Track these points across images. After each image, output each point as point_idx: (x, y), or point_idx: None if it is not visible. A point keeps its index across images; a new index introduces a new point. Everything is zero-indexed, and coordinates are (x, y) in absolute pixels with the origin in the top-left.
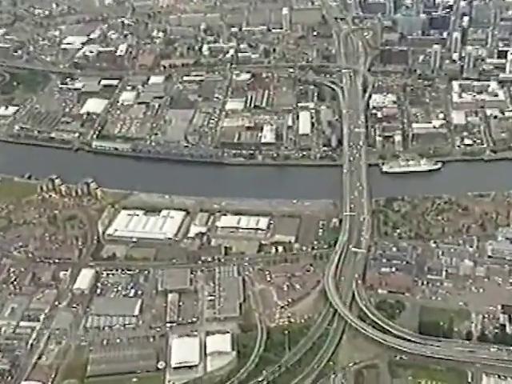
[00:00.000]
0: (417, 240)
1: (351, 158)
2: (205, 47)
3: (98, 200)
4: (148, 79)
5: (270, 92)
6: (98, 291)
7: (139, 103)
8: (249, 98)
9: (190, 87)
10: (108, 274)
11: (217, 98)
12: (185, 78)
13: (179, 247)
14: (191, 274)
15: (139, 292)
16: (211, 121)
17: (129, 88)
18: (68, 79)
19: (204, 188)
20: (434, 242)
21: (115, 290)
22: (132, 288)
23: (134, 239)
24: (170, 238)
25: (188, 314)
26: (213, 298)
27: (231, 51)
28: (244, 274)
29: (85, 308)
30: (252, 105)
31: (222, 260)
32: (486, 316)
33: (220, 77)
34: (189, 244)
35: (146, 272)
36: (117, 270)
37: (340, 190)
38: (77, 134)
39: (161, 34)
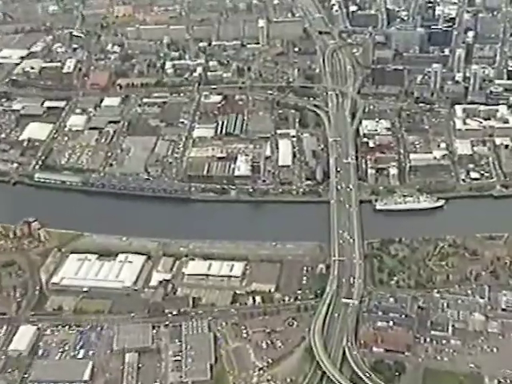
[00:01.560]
0: (417, 289)
1: (339, 194)
2: (168, 64)
3: (41, 242)
4: (101, 101)
5: (245, 117)
6: (40, 352)
7: (91, 129)
8: (220, 123)
9: (150, 111)
10: (52, 331)
11: (182, 123)
12: (145, 100)
13: (139, 298)
14: (153, 329)
15: (90, 352)
16: (176, 150)
17: (78, 111)
18: (4, 99)
19: (168, 228)
20: (438, 292)
21: (61, 350)
22: (82, 348)
23: (85, 289)
24: (128, 287)
25: (149, 377)
26: (179, 358)
27: (199, 69)
28: (216, 330)
29: (22, 374)
30: (223, 132)
31: (190, 313)
32: (502, 381)
33: (186, 99)
34: (150, 294)
35: (99, 328)
36: (63, 326)
37: (327, 230)
38: (15, 165)
39: (116, 49)
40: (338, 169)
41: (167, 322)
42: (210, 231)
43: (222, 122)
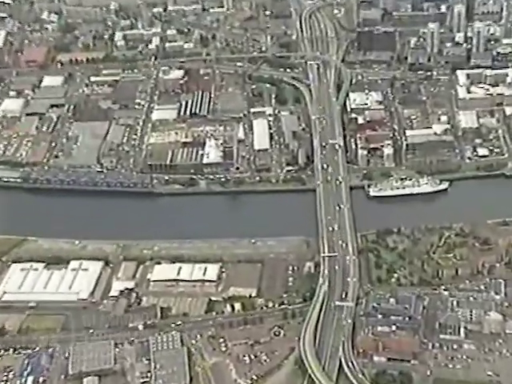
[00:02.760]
0: (422, 287)
1: (326, 180)
2: (118, 35)
3: None
4: (40, 81)
5: (212, 94)
6: None
7: (29, 115)
8: (183, 103)
9: (100, 91)
10: None
11: (139, 104)
12: (92, 79)
13: (97, 311)
14: (116, 347)
15: (41, 379)
16: (133, 136)
17: (13, 94)
18: None
19: (128, 228)
20: (446, 289)
21: (5, 378)
22: (30, 374)
23: (32, 304)
24: (83, 300)
25: None
26: (147, 380)
27: (155, 40)
28: (189, 344)
29: None
30: (188, 112)
31: (159, 326)
32: None
33: (141, 76)
34: (111, 306)
35: (51, 349)
36: (7, 350)
37: (314, 223)
38: None
39: (54, 17)
40: (324, 151)
41: (132, 338)
42: (177, 229)
43: (186, 102)
